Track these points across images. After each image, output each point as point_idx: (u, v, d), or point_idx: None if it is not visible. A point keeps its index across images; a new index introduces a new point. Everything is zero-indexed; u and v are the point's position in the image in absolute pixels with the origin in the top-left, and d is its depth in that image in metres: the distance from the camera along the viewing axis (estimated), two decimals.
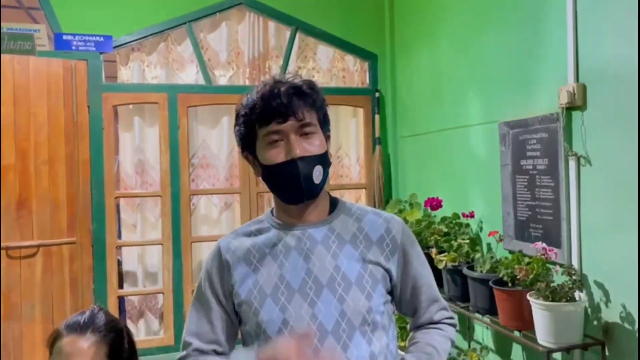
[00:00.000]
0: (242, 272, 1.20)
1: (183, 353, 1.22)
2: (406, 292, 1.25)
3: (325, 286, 1.15)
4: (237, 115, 1.23)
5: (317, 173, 1.15)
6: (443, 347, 1.23)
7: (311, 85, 1.20)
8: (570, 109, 2.03)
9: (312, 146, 1.16)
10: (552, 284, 1.90)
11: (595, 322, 1.96)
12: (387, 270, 1.21)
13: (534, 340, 1.95)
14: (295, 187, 1.15)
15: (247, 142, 1.21)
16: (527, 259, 2.08)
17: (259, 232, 1.25)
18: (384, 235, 1.22)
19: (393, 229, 1.23)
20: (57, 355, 1.25)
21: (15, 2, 3.40)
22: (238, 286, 1.20)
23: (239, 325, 1.25)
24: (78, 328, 1.27)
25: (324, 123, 1.22)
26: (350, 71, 3.62)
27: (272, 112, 1.14)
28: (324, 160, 1.18)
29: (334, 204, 1.27)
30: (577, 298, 1.89)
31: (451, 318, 1.31)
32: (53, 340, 1.27)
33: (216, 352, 1.22)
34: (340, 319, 1.13)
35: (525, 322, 2.01)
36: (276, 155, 1.15)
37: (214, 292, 1.23)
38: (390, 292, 1.24)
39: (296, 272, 1.17)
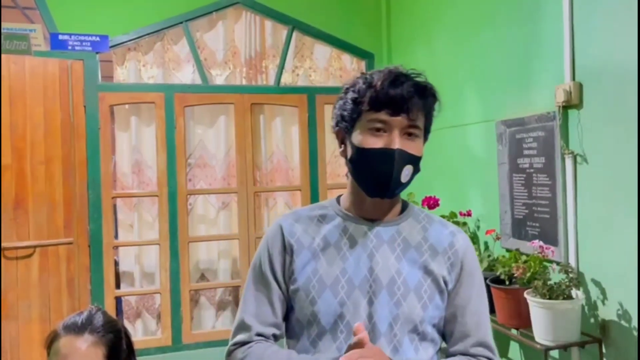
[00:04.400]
0: (303, 259, 1.17)
1: (243, 336, 1.17)
2: (449, 309, 1.19)
3: (384, 287, 1.13)
4: (346, 90, 1.17)
5: (406, 172, 1.12)
6: None
7: (433, 89, 1.16)
8: (566, 107, 2.04)
9: (411, 146, 1.12)
10: (549, 282, 1.91)
11: (592, 320, 1.97)
12: (446, 283, 1.17)
13: (532, 338, 1.96)
14: (383, 178, 1.11)
15: (347, 119, 1.15)
16: (524, 257, 2.09)
17: (322, 218, 1.21)
18: (447, 248, 1.19)
19: (457, 244, 1.20)
20: (54, 356, 1.24)
21: (11, 2, 3.39)
22: (297, 272, 1.16)
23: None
24: (76, 328, 1.26)
25: (427, 131, 1.18)
26: (347, 70, 3.62)
27: (387, 102, 1.09)
28: (416, 163, 1.14)
29: (403, 206, 1.24)
30: (574, 296, 1.90)
31: None
32: (51, 340, 1.27)
33: (275, 337, 1.20)
34: (394, 323, 1.12)
35: (522, 320, 2.02)
36: (375, 142, 1.10)
37: (274, 273, 1.19)
38: None
39: (359, 268, 1.14)
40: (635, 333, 1.79)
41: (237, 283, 3.34)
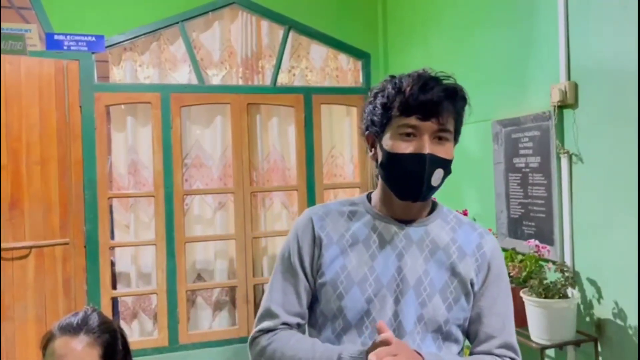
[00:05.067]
0: (332, 253, 1.18)
1: (269, 323, 1.19)
2: (474, 309, 1.19)
3: (411, 287, 1.15)
4: (375, 94, 1.18)
5: (437, 175, 1.13)
6: None
7: (463, 92, 1.17)
8: (562, 107, 2.04)
9: (442, 150, 1.13)
10: (545, 281, 1.92)
11: (587, 319, 1.97)
12: (473, 286, 1.18)
13: (528, 337, 1.96)
14: (414, 182, 1.12)
15: (377, 124, 1.17)
16: (520, 257, 2.10)
17: (352, 214, 1.22)
18: (475, 250, 1.20)
19: (485, 245, 1.21)
20: (50, 356, 1.24)
21: (6, 2, 3.38)
22: (326, 267, 1.18)
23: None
24: (71, 329, 1.26)
25: (457, 133, 1.19)
26: (343, 70, 3.62)
27: (417, 107, 1.11)
28: (447, 166, 1.15)
29: (432, 206, 1.25)
30: (569, 295, 1.91)
31: None
32: (46, 341, 1.27)
33: (299, 326, 1.21)
34: (418, 322, 1.14)
35: (518, 320, 2.00)
36: (405, 147, 1.11)
37: (302, 264, 1.20)
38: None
39: (387, 267, 1.16)
40: (631, 331, 1.80)
41: (233, 283, 3.34)
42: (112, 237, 3.28)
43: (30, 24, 3.10)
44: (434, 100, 1.11)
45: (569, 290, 1.91)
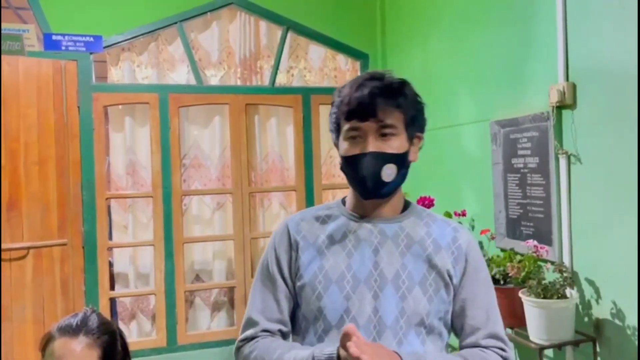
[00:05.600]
0: (309, 256, 1.21)
1: (251, 332, 1.22)
2: (457, 303, 1.21)
3: (389, 281, 1.16)
4: (332, 104, 1.24)
5: (388, 171, 1.15)
6: None
7: (400, 86, 1.18)
8: (560, 107, 2.05)
9: (388, 146, 1.15)
10: (543, 282, 1.92)
11: (586, 319, 1.98)
12: (451, 277, 1.19)
13: (526, 337, 1.97)
14: (362, 181, 1.16)
15: (333, 131, 1.24)
16: (518, 257, 2.10)
17: (328, 218, 1.25)
18: (450, 243, 1.22)
19: (460, 239, 1.23)
20: (49, 357, 1.24)
21: (4, 2, 3.37)
22: (304, 269, 1.20)
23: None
24: (70, 330, 1.25)
25: (412, 124, 1.20)
26: (342, 71, 3.62)
27: (354, 110, 1.15)
28: (399, 160, 1.17)
29: (406, 205, 1.27)
30: (568, 295, 1.91)
31: (503, 350, 1.19)
32: (45, 343, 1.26)
33: (281, 333, 1.23)
34: (400, 316, 1.15)
35: (517, 320, 2.03)
36: (352, 149, 1.16)
37: (281, 270, 1.23)
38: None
39: (364, 263, 1.17)
40: (629, 331, 1.80)
41: (232, 284, 3.34)
42: (110, 237, 3.27)
43: (28, 25, 3.09)
44: (366, 101, 1.14)
45: (568, 291, 1.92)
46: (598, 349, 1.92)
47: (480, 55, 2.57)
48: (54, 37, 2.99)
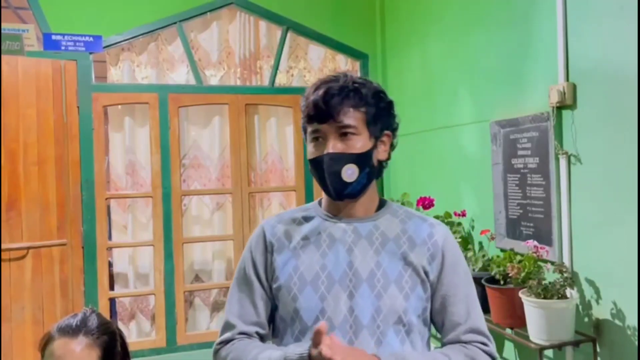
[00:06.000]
0: (284, 257, 1.22)
1: (228, 335, 1.23)
2: (437, 300, 1.20)
3: (364, 280, 1.16)
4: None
5: (349, 171, 1.16)
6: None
7: (358, 86, 1.18)
8: (560, 108, 2.05)
9: (348, 146, 1.16)
10: (543, 282, 1.92)
11: (586, 319, 1.97)
12: (427, 274, 1.19)
13: (526, 337, 1.97)
14: (327, 182, 1.17)
15: (304, 135, 1.25)
16: (518, 257, 2.10)
17: (304, 219, 1.26)
18: (426, 239, 1.21)
19: (436, 234, 1.22)
20: (49, 358, 1.24)
21: (4, 2, 3.37)
22: (279, 271, 1.21)
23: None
24: (70, 331, 1.25)
25: (374, 123, 1.19)
26: (341, 71, 3.61)
27: (313, 114, 1.17)
28: (360, 159, 1.17)
29: (381, 204, 1.28)
30: (568, 295, 1.91)
31: (485, 345, 1.18)
32: (45, 343, 1.26)
33: (259, 335, 1.23)
34: (376, 315, 1.14)
35: (517, 320, 2.03)
36: (315, 152, 1.18)
37: (257, 273, 1.24)
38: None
39: (338, 263, 1.18)
40: (629, 332, 1.80)
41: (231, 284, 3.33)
42: (110, 237, 3.27)
43: (27, 24, 3.09)
44: (321, 103, 1.15)
45: (568, 291, 1.92)
46: (598, 349, 1.92)
47: (480, 55, 2.57)
48: (53, 37, 2.99)
